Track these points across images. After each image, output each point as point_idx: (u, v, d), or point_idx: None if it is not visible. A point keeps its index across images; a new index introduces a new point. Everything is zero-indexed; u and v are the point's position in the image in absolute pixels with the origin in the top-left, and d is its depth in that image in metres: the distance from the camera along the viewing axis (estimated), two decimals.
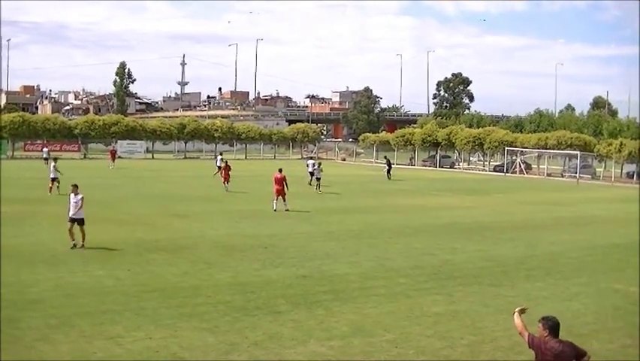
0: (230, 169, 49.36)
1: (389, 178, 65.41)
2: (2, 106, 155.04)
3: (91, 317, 16.16)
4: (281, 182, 37.54)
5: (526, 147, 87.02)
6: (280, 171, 38.15)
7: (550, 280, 22.10)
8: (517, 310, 10.19)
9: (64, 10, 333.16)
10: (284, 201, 37.21)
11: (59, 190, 42.77)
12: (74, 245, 24.79)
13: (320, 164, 53.11)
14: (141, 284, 19.68)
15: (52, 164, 45.26)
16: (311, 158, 74.07)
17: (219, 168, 61.20)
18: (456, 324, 16.59)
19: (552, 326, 9.55)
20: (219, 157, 68.38)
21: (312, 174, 56.81)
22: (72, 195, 25.62)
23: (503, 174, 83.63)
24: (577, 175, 76.30)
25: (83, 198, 25.50)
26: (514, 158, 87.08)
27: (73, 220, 25.11)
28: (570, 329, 15.17)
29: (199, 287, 19.50)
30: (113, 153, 78.07)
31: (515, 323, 10.02)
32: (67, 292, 18.53)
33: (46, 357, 13.52)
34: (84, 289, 18.84)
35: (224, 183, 48.29)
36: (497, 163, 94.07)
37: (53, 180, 43.97)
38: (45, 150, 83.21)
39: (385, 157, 78.64)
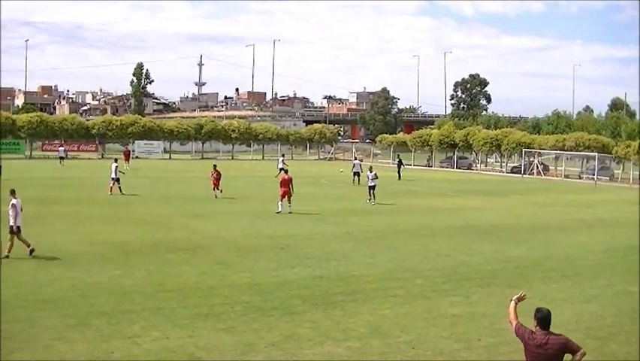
0: (220, 175, 44.53)
1: (399, 178, 65.30)
2: (20, 106, 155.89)
3: (108, 316, 16.21)
4: (287, 183, 37.11)
5: (544, 149, 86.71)
6: (286, 172, 37.95)
7: (567, 282, 22.01)
8: (514, 297, 10.19)
9: (81, 11, 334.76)
10: (289, 202, 36.91)
11: (121, 191, 43.24)
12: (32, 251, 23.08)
13: (371, 168, 46.01)
14: (158, 284, 19.72)
15: (114, 165, 45.60)
16: (356, 158, 73.20)
17: (281, 170, 60.97)
18: (473, 325, 16.55)
19: (540, 317, 9.55)
20: (281, 158, 68.05)
21: (356, 174, 56.81)
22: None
23: (521, 175, 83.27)
24: (595, 177, 75.83)
25: (13, 204, 22.85)
26: (531, 159, 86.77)
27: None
28: (588, 332, 15.13)
29: (216, 287, 19.52)
30: (127, 154, 76.06)
31: (509, 310, 10.03)
32: (84, 291, 18.59)
33: (63, 357, 13.56)
34: (101, 289, 18.90)
35: (214, 189, 43.85)
36: (515, 165, 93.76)
37: (115, 180, 44.49)
38: (61, 148, 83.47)
39: (398, 156, 78.52)
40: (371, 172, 43.87)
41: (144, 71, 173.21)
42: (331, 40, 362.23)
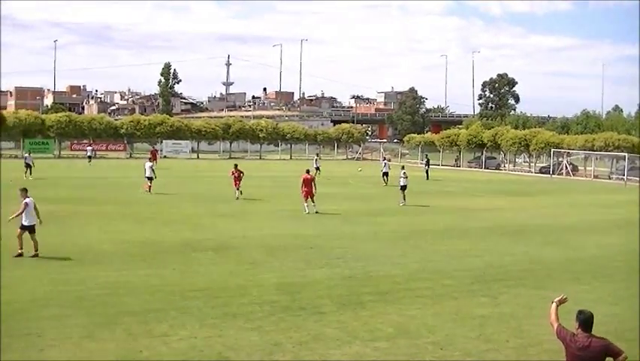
0: (242, 174, 43.53)
1: (427, 178, 65.19)
2: (49, 106, 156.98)
3: (136, 315, 16.30)
4: (310, 183, 36.97)
5: (573, 149, 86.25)
6: (308, 172, 37.81)
7: (596, 283, 21.87)
8: (555, 299, 10.15)
9: (109, 11, 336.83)
10: (313, 202, 36.85)
11: (150, 190, 44.16)
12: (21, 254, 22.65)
13: (403, 167, 45.83)
14: (186, 283, 19.79)
15: (148, 163, 46.12)
16: (384, 158, 72.78)
17: (317, 169, 61.31)
18: (501, 327, 16.49)
19: (583, 319, 9.50)
20: (315, 157, 68.03)
21: (385, 174, 56.75)
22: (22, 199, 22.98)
23: (549, 175, 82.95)
24: (624, 177, 75.34)
25: (26, 203, 22.69)
26: (560, 159, 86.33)
27: (24, 228, 22.70)
28: (616, 334, 15.01)
29: (244, 287, 19.57)
30: (154, 154, 74.63)
31: (550, 312, 9.98)
32: (114, 290, 18.70)
33: (92, 355, 13.66)
34: (130, 288, 19.01)
35: (236, 189, 42.92)
36: (543, 165, 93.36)
37: (148, 179, 45.10)
38: (89, 148, 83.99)
39: (426, 156, 78.38)
40: (403, 169, 43.88)
41: (172, 70, 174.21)
42: (359, 40, 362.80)
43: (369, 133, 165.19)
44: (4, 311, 16.18)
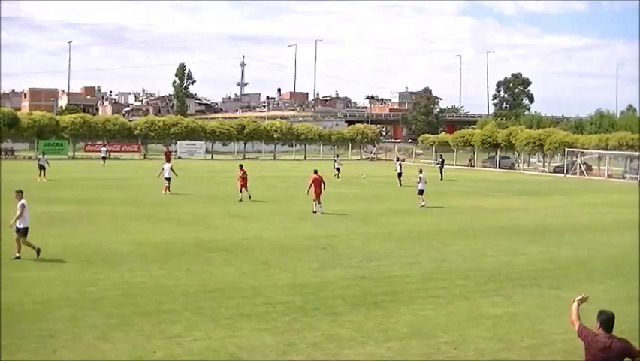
0: (246, 175, 42.82)
1: (441, 178, 65.06)
2: (63, 107, 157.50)
3: (150, 316, 16.33)
4: (319, 183, 36.93)
5: (587, 148, 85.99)
6: (316, 172, 37.64)
7: (611, 283, 21.78)
8: (577, 298, 10.09)
9: (123, 12, 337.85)
10: (319, 202, 36.74)
11: (167, 191, 44.38)
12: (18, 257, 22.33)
13: (421, 171, 44.16)
14: (200, 284, 19.81)
15: (167, 164, 46.40)
16: (398, 159, 72.69)
17: (337, 170, 61.54)
18: (515, 326, 16.44)
19: (604, 319, 9.45)
20: (336, 159, 67.94)
21: (399, 175, 56.73)
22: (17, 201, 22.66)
23: (563, 175, 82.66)
24: (638, 177, 75.01)
25: (23, 205, 22.39)
26: (574, 159, 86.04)
27: (17, 230, 22.39)
28: (631, 334, 14.93)
29: (258, 287, 19.58)
30: (168, 155, 73.94)
31: (571, 311, 9.93)
32: (127, 291, 18.74)
33: (105, 355, 13.68)
34: (143, 289, 19.05)
35: (240, 190, 42.31)
36: (557, 164, 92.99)
37: (167, 180, 45.38)
38: (103, 149, 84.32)
39: (440, 156, 78.27)
40: (421, 174, 42.85)
41: (186, 71, 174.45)
42: (373, 41, 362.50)
43: (384, 133, 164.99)
44: (17, 312, 16.27)
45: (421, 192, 42.04)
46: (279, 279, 20.81)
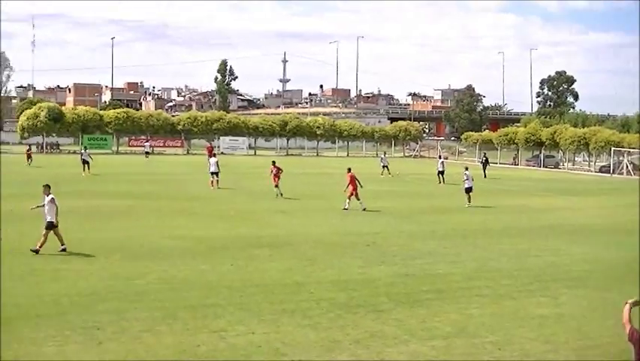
0: (281, 171, 42.79)
1: (485, 177, 64.61)
2: (107, 102, 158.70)
3: (194, 310, 16.41)
4: (354, 181, 36.93)
5: (634, 148, 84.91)
6: (349, 170, 37.50)
7: None
8: (629, 301, 9.92)
9: (166, 9, 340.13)
10: (349, 199, 36.53)
11: (216, 185, 44.88)
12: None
13: (467, 169, 43.07)
14: (244, 279, 19.87)
15: (213, 159, 46.67)
16: (441, 157, 72.24)
17: (384, 167, 61.53)
18: (561, 327, 16.28)
19: None
20: (382, 156, 67.84)
21: (441, 173, 56.22)
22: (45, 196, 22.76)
23: (609, 175, 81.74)
24: None
25: (53, 199, 22.46)
26: (621, 158, 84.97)
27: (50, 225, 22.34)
28: None
29: (302, 284, 19.61)
30: (211, 150, 71.36)
31: (623, 313, 9.78)
32: (172, 285, 18.86)
33: (150, 348, 13.78)
34: (188, 283, 19.16)
35: (275, 186, 41.97)
36: (603, 164, 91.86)
37: (214, 174, 45.81)
38: (147, 144, 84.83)
39: (484, 154, 77.81)
40: (467, 171, 41.80)
41: (228, 67, 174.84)
42: (416, 38, 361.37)
43: (427, 131, 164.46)
44: (64, 304, 16.44)
45: (468, 190, 40.94)
46: (323, 275, 20.83)
